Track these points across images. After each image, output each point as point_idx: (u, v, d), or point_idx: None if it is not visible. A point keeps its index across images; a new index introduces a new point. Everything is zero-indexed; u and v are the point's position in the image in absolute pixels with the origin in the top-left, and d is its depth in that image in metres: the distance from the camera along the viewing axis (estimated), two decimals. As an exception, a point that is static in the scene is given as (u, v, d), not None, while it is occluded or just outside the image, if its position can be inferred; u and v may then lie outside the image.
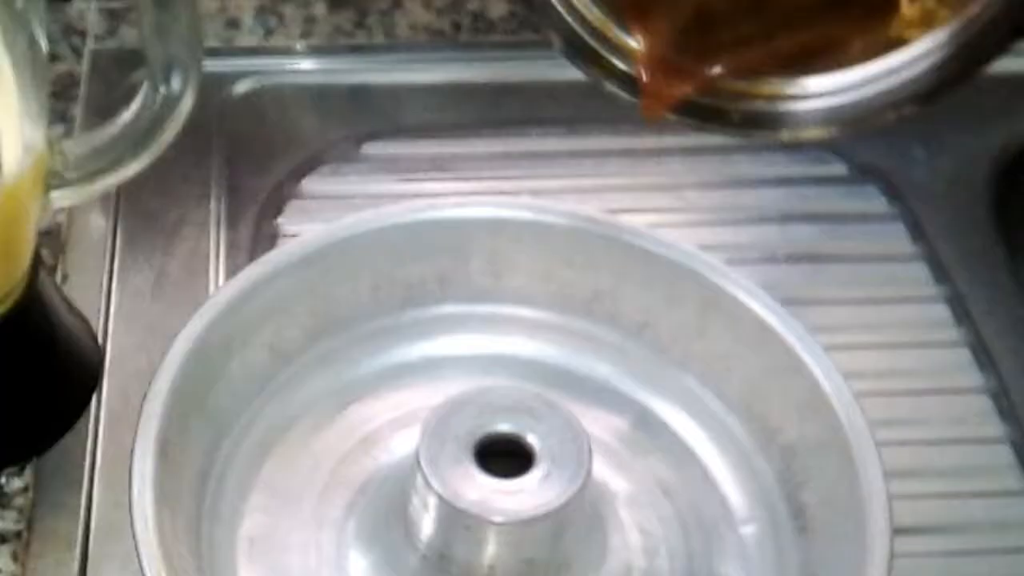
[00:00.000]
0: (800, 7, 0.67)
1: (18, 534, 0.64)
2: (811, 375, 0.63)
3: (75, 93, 0.85)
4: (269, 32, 0.91)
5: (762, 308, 0.65)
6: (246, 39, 0.91)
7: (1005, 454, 0.73)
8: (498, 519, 0.57)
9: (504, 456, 0.59)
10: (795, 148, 0.86)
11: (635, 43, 0.70)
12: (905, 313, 0.79)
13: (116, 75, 0.84)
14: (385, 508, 0.63)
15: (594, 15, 0.70)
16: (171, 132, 0.65)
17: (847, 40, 0.67)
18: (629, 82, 0.71)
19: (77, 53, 0.88)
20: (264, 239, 0.79)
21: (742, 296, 0.65)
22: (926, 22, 0.65)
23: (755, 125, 0.71)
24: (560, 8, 0.69)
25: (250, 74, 0.89)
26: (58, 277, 0.75)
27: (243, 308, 0.65)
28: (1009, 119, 0.89)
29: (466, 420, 0.60)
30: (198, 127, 0.67)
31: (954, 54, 0.66)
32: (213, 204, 0.81)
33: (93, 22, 0.89)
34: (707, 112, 0.70)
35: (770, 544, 0.64)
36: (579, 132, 0.88)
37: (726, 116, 0.70)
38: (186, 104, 0.65)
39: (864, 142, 0.87)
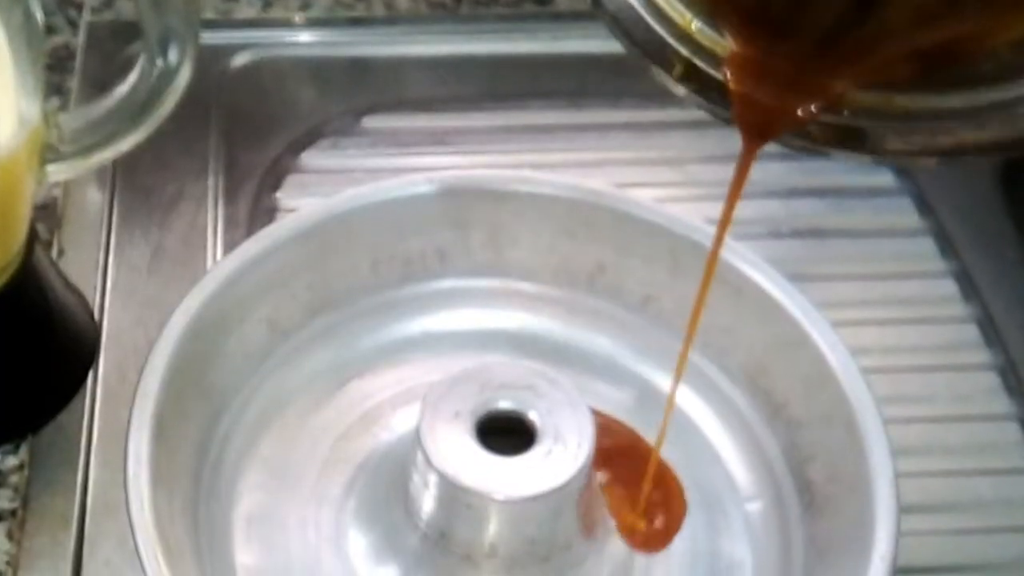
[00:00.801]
0: None
1: (13, 512, 0.64)
2: (817, 349, 0.62)
3: (71, 66, 0.84)
4: (268, 4, 0.90)
5: (767, 281, 0.64)
6: (244, 11, 0.90)
7: (1013, 431, 0.73)
8: (500, 497, 0.57)
9: (506, 433, 0.59)
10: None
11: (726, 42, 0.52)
12: (912, 289, 0.79)
13: (112, 48, 0.83)
14: (385, 486, 0.62)
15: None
16: (168, 105, 0.65)
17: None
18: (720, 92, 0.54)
19: (73, 25, 0.87)
20: (262, 214, 0.79)
21: (746, 269, 0.65)
22: None
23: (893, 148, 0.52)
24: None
25: (248, 47, 0.89)
26: (54, 252, 0.74)
27: (241, 283, 0.64)
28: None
29: (467, 397, 0.59)
30: (195, 100, 0.66)
31: None
32: (211, 178, 0.80)
33: (89, -6, 0.88)
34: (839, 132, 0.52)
35: (775, 520, 0.63)
36: (581, 105, 0.87)
37: (859, 135, 0.51)
38: (183, 77, 0.64)
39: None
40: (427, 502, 0.59)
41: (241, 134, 0.83)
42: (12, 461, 0.66)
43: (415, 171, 0.70)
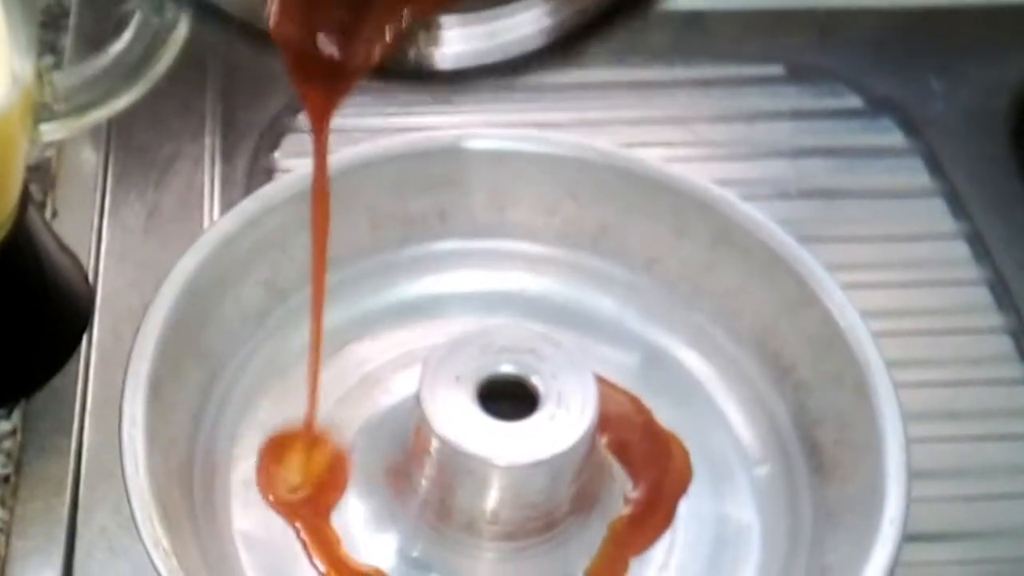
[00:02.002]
0: None
1: (6, 478, 0.63)
2: (825, 309, 0.61)
3: (65, 23, 0.83)
4: (266, -38, 0.89)
5: (775, 243, 0.63)
6: (242, -32, 0.89)
7: (1024, 396, 0.72)
8: (502, 463, 0.56)
9: (508, 398, 0.58)
10: (805, 80, 0.84)
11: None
12: (922, 250, 0.78)
13: (107, 4, 0.81)
14: (384, 451, 0.62)
15: None
16: (164, 64, 0.63)
17: None
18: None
19: (68, -18, 0.86)
20: (260, 174, 0.78)
21: (753, 229, 0.64)
22: None
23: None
24: None
25: (247, 4, 0.87)
26: (47, 213, 0.73)
27: (238, 244, 0.63)
28: (1029, 50, 0.88)
29: (468, 360, 0.58)
30: (192, 58, 0.65)
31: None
32: (207, 138, 0.79)
33: (84, -50, 0.87)
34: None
35: (783, 485, 0.62)
36: (586, 64, 0.86)
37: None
38: (179, 35, 0.63)
39: (879, 74, 0.86)
40: (427, 468, 0.58)
41: (239, 93, 0.82)
42: (5, 426, 0.65)
43: (415, 131, 0.70)
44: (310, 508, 0.61)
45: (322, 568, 0.59)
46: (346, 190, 0.65)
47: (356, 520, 0.61)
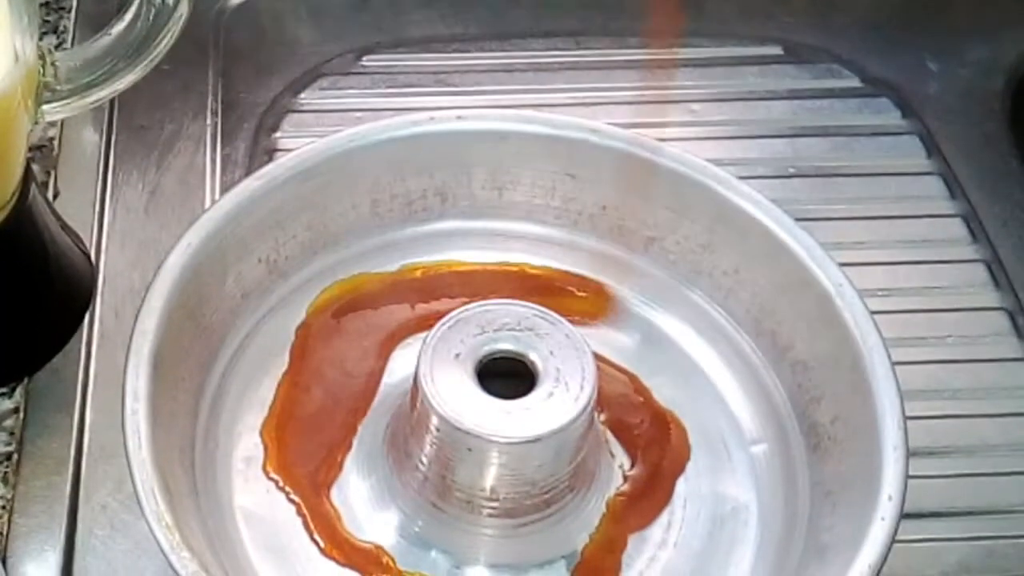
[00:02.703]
0: None
1: (8, 456, 0.63)
2: (822, 288, 0.61)
3: (67, 3, 0.83)
4: (266, -58, 0.89)
5: (771, 221, 0.63)
6: (242, -51, 0.89)
7: (1021, 374, 0.72)
8: (501, 440, 0.56)
9: (507, 375, 0.58)
10: (803, 60, 0.84)
11: None
12: (919, 229, 0.78)
13: (109, -15, 0.82)
14: (385, 429, 0.62)
15: None
16: (165, 44, 0.64)
17: None
18: None
19: (69, -37, 0.86)
20: (261, 154, 0.78)
21: (751, 209, 0.64)
22: None
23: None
24: None
25: (247, -16, 0.87)
26: (49, 193, 0.73)
27: (239, 223, 0.63)
28: (1025, 31, 0.88)
29: (467, 338, 0.58)
30: (193, 39, 0.66)
31: None
32: (209, 118, 0.79)
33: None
34: None
35: (781, 463, 0.63)
36: (585, 45, 0.86)
37: None
38: (181, 15, 0.63)
39: (876, 54, 0.86)
40: (427, 445, 0.58)
41: (240, 73, 0.82)
42: (7, 404, 0.65)
43: (416, 111, 0.70)
44: (311, 484, 0.61)
45: (322, 544, 0.59)
46: (347, 170, 0.66)
47: (356, 497, 0.61)
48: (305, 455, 0.62)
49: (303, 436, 0.63)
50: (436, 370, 0.57)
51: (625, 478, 0.62)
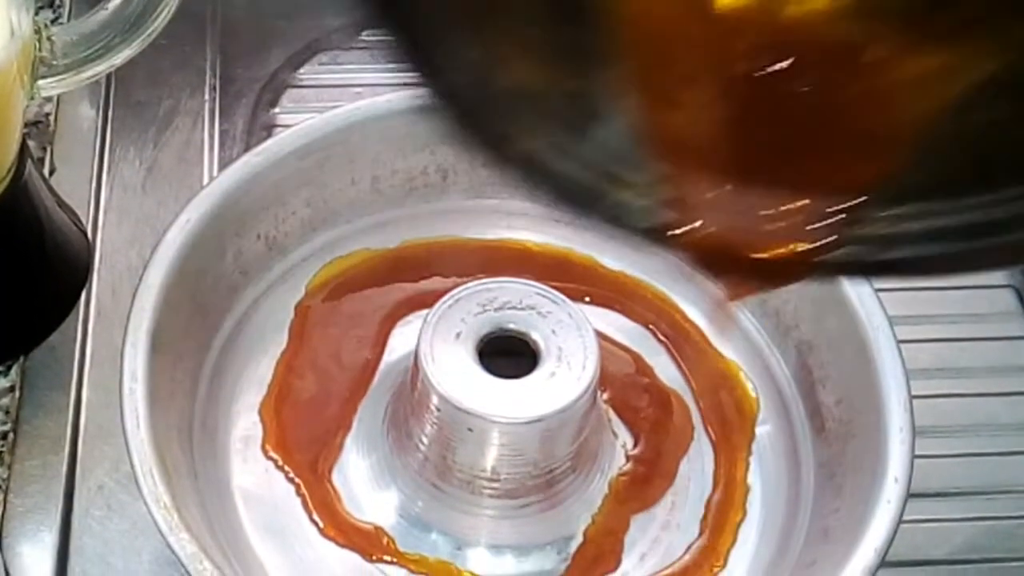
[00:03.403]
0: None
1: (4, 435, 0.63)
2: (828, 268, 0.61)
3: (64, -22, 0.82)
4: (264, -85, 0.88)
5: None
6: (241, -79, 0.88)
7: (1030, 352, 0.72)
8: (502, 420, 0.56)
9: (508, 355, 0.58)
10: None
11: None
12: (925, 205, 0.77)
13: (106, -41, 0.82)
14: (385, 408, 0.61)
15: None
16: (163, 18, 0.63)
17: None
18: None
19: (65, -63, 0.85)
20: (259, 130, 0.78)
21: (757, 187, 0.63)
22: None
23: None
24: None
25: (245, -42, 0.87)
26: (45, 170, 0.73)
27: (238, 200, 0.63)
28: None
29: (468, 317, 0.58)
30: (191, 13, 0.65)
31: None
32: (207, 94, 0.79)
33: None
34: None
35: (785, 444, 0.62)
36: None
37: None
38: (178, -11, 0.63)
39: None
40: (428, 425, 0.57)
41: (238, 48, 0.82)
42: (3, 383, 0.65)
43: (416, 86, 0.69)
44: (310, 464, 0.61)
45: (322, 524, 0.59)
46: (347, 146, 0.65)
47: (356, 477, 0.60)
48: (304, 434, 0.62)
49: (302, 415, 0.62)
50: (437, 349, 0.57)
51: (628, 458, 0.61)
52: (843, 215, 0.36)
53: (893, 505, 0.54)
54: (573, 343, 0.57)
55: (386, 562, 0.58)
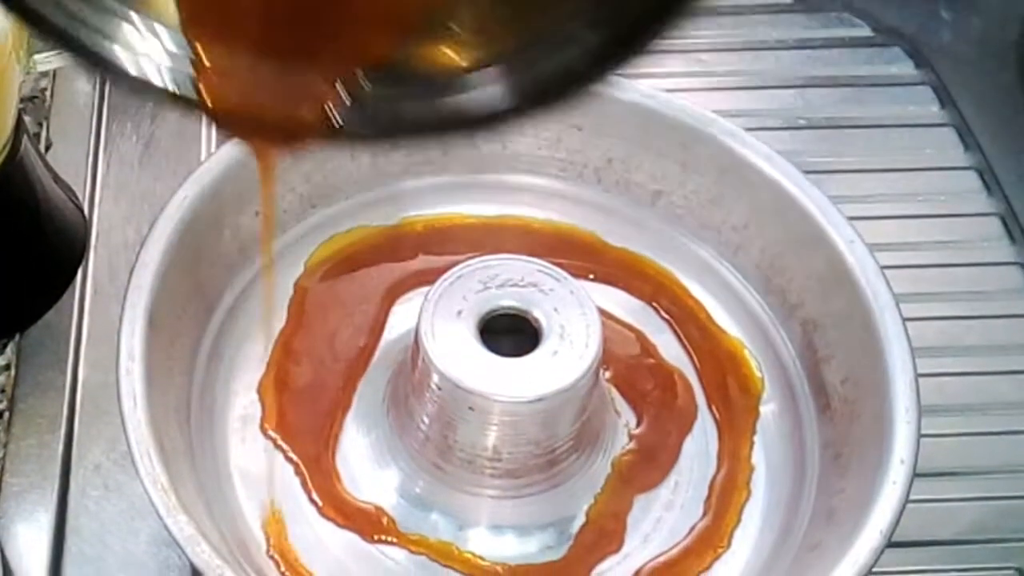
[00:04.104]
0: None
1: (0, 414, 0.63)
2: (833, 245, 0.60)
3: (59, -49, 0.82)
4: None
5: (781, 175, 0.62)
6: None
7: (1036, 331, 0.71)
8: (504, 399, 0.55)
9: (510, 333, 0.57)
10: (814, 9, 0.84)
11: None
12: (932, 182, 0.77)
13: (102, -68, 0.81)
14: (385, 386, 0.61)
15: None
16: (160, -9, 0.62)
17: None
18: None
19: (63, -91, 0.84)
20: (259, 105, 0.76)
21: (760, 163, 0.63)
22: None
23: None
24: None
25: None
26: (41, 145, 0.73)
27: (236, 176, 0.62)
28: (1041, -22, 0.86)
29: (470, 295, 0.57)
30: (188, -14, 0.64)
31: None
32: (206, 68, 0.77)
33: None
34: None
35: (790, 423, 0.62)
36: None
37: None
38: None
39: (888, 3, 0.84)
40: (428, 404, 0.57)
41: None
42: (-1, 361, 0.65)
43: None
44: (309, 443, 0.60)
45: (321, 504, 0.58)
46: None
47: (356, 456, 0.60)
48: (304, 414, 0.61)
49: (302, 394, 0.62)
50: (438, 327, 0.56)
51: (631, 437, 0.61)
52: (348, 82, 0.37)
53: (899, 486, 0.53)
54: (575, 321, 0.57)
55: (386, 542, 0.58)
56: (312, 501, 0.59)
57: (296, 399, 0.61)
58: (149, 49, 0.38)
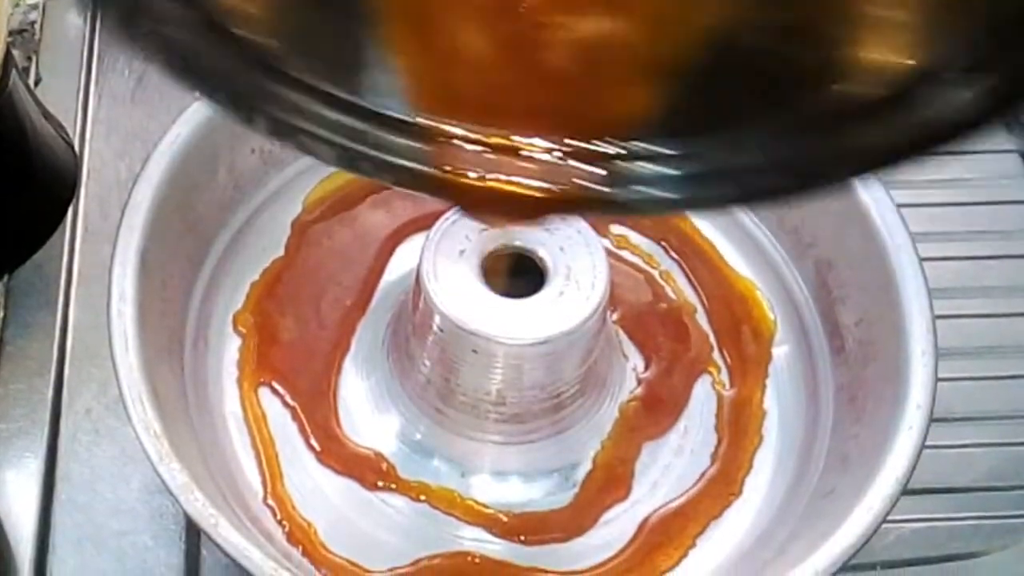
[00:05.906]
0: None
1: (-11, 356, 0.62)
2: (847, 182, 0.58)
3: None
4: None
5: (796, 110, 0.60)
6: None
7: (1057, 271, 0.70)
8: (507, 341, 0.54)
9: (515, 273, 0.55)
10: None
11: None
12: (950, 118, 0.75)
13: None
14: (385, 328, 0.60)
15: None
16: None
17: None
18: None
19: None
20: (255, 38, 0.75)
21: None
22: None
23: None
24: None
25: None
26: (31, 80, 0.72)
27: (232, 112, 0.60)
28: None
29: (472, 234, 0.56)
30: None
31: None
32: (199, 0, 0.76)
33: None
34: None
35: (803, 366, 0.61)
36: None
37: None
38: None
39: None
40: (430, 347, 0.56)
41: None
42: (-14, 300, 0.64)
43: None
44: (307, 387, 0.59)
45: (319, 449, 0.57)
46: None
47: (355, 401, 0.59)
48: (301, 356, 0.60)
49: (299, 337, 0.60)
50: (439, 267, 0.55)
51: (639, 381, 0.60)
52: (600, 153, 0.34)
53: (915, 431, 0.52)
54: (582, 261, 0.55)
55: (386, 489, 0.57)
56: (310, 446, 0.58)
57: (293, 342, 0.60)
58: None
